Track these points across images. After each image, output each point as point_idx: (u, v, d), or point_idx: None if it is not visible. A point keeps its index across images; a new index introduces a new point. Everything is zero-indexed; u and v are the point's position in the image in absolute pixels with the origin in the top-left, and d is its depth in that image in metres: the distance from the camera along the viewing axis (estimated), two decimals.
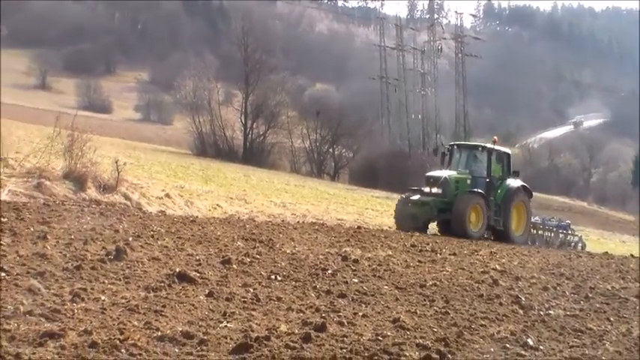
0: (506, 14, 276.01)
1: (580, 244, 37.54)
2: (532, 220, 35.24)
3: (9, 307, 8.80)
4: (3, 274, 10.48)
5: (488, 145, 33.38)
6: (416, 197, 32.08)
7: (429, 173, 33.52)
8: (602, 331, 11.22)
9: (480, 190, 31.76)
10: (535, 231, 36.47)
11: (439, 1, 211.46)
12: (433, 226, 33.02)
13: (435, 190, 31.62)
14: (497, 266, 18.33)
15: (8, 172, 23.57)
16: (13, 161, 25.26)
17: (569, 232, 38.58)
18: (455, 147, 34.55)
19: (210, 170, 54.27)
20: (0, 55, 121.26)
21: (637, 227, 66.03)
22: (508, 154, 34.15)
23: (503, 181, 32.88)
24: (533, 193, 35.60)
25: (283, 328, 9.25)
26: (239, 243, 17.06)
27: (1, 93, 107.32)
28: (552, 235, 37.17)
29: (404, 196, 33.19)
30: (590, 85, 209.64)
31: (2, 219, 15.58)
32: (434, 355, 8.55)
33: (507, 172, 33.42)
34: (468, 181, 32.23)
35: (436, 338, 9.58)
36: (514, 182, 33.28)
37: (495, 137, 35.31)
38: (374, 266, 15.76)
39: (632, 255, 28.62)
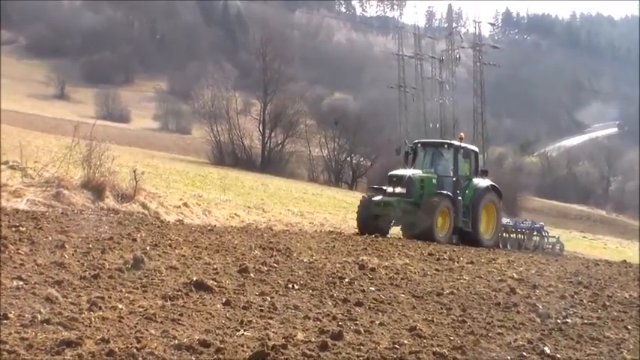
0: (525, 23, 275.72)
1: (558, 246, 36.88)
2: (503, 222, 34.12)
3: (27, 315, 8.83)
4: (21, 282, 10.52)
5: (455, 143, 32.11)
6: (378, 198, 30.49)
7: (392, 172, 31.62)
8: (620, 339, 11.16)
9: (446, 192, 30.28)
10: (507, 234, 35.59)
11: (457, 10, 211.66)
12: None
13: (398, 189, 30.04)
14: (514, 274, 18.28)
15: (27, 181, 23.71)
16: (31, 170, 25.41)
17: (544, 233, 37.80)
18: (419, 145, 32.96)
19: (228, 179, 54.34)
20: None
21: None
22: (476, 152, 32.88)
23: (471, 181, 31.51)
24: (552, 202, 35.23)
25: (300, 336, 9.24)
26: (256, 252, 17.07)
27: (21, 103, 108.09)
28: (525, 237, 36.44)
29: (365, 196, 31.88)
30: (609, 93, 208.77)
31: (21, 228, 15.65)
32: None
33: (475, 171, 32.14)
34: (434, 181, 30.72)
35: (453, 346, 9.56)
36: (482, 182, 31.91)
37: (462, 133, 33.97)
38: (391, 275, 15.74)
39: None
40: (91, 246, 14.58)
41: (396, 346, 9.22)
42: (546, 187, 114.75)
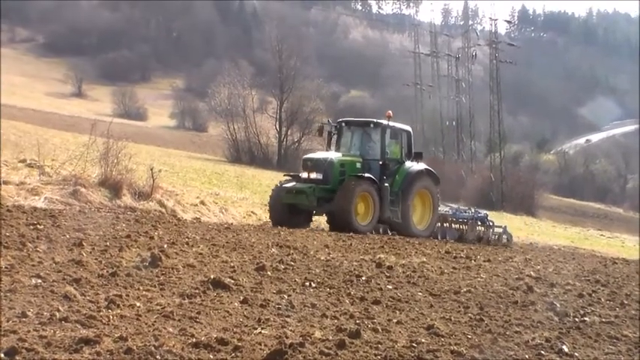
0: (541, 20, 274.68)
1: (505, 236, 33.30)
2: (441, 211, 31.15)
3: (45, 313, 8.86)
4: (39, 280, 10.55)
5: (382, 122, 28.42)
6: (291, 185, 27.26)
7: (308, 155, 29.18)
8: (638, 338, 11.13)
9: (370, 175, 26.93)
10: (447, 224, 32.21)
11: (474, 8, 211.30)
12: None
13: (314, 175, 26.79)
14: (531, 273, 18.23)
15: (45, 179, 23.76)
16: (49, 169, 25.47)
17: (489, 223, 34.05)
18: (343, 124, 29.39)
19: (245, 177, 54.36)
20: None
21: None
22: (408, 132, 29.58)
23: (402, 165, 28.26)
24: (569, 200, 33.84)
25: (317, 334, 9.25)
26: (273, 250, 17.06)
27: (39, 101, 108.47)
28: (467, 228, 32.93)
29: (278, 184, 28.10)
30: (626, 91, 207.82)
31: (39, 226, 15.68)
32: None
33: (407, 154, 28.86)
34: (358, 165, 27.48)
35: (470, 345, 9.55)
36: (415, 166, 28.57)
37: (389, 112, 29.54)
38: (408, 273, 15.71)
39: None
40: (108, 244, 14.61)
41: (414, 344, 9.22)
42: (563, 185, 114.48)
